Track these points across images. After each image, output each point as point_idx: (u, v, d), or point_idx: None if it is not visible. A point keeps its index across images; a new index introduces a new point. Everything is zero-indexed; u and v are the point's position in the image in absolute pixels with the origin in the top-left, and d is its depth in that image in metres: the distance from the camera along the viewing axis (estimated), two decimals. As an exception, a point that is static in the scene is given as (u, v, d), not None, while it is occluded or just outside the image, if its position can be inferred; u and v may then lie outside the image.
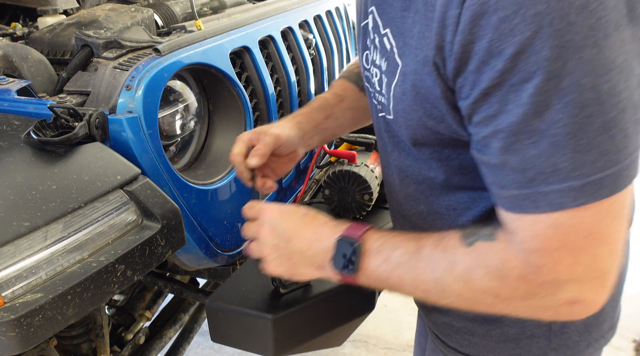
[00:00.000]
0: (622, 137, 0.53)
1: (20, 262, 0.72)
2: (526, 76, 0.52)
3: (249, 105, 1.22)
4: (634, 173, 0.56)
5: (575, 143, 0.53)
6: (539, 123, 0.53)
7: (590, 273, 0.58)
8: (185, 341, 1.53)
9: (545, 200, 0.56)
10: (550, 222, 0.57)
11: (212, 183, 1.15)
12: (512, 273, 0.61)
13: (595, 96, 0.51)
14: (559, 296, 0.59)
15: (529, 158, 0.55)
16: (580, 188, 0.54)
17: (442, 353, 0.86)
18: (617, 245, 0.58)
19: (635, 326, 2.28)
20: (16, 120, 0.93)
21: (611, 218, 0.56)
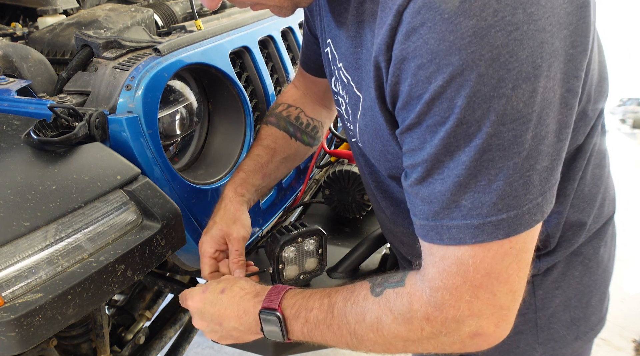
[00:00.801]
0: (522, 183, 0.56)
1: (20, 262, 0.72)
2: (440, 120, 0.56)
3: (249, 105, 1.22)
4: (537, 218, 0.59)
5: (475, 183, 0.57)
6: (449, 162, 0.57)
7: (489, 308, 0.61)
8: (185, 341, 1.53)
9: (448, 233, 0.60)
10: (454, 258, 0.60)
11: (212, 183, 1.15)
12: (417, 315, 0.64)
13: (498, 143, 0.55)
14: (462, 331, 0.63)
15: (436, 192, 0.59)
16: (478, 226, 0.58)
17: None
18: (517, 285, 0.61)
19: (635, 326, 2.29)
20: (16, 120, 0.92)
21: (511, 259, 0.59)
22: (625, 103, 4.53)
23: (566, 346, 0.79)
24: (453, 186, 0.58)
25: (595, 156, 0.75)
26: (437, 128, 0.57)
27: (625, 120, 4.41)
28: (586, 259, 0.78)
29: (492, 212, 0.57)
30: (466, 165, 0.56)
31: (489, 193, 0.56)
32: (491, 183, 0.56)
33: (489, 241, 0.58)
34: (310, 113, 1.12)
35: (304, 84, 1.13)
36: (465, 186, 0.57)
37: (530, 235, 0.60)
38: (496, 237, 0.58)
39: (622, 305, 2.42)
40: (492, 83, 0.52)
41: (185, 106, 1.12)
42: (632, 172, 3.66)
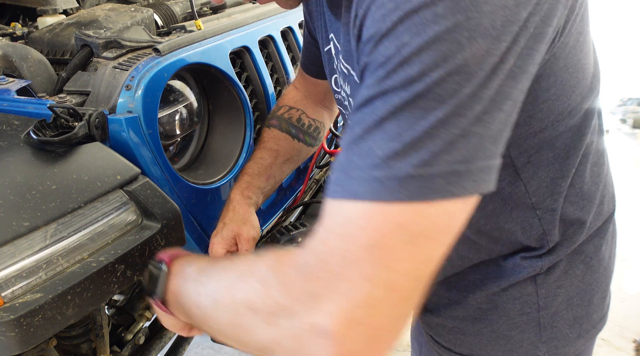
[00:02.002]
0: (444, 140, 0.48)
1: (20, 262, 0.71)
2: (383, 60, 0.50)
3: (249, 105, 1.22)
4: (452, 190, 0.48)
5: (397, 131, 0.48)
6: (378, 104, 0.50)
7: (349, 294, 0.47)
8: (185, 341, 1.52)
9: (348, 185, 0.49)
10: (343, 215, 0.49)
11: (212, 183, 1.15)
12: (277, 277, 0.53)
13: (437, 92, 0.48)
14: (312, 317, 0.49)
15: (355, 137, 0.51)
16: (381, 179, 0.48)
17: (437, 353, 0.87)
18: (401, 282, 0.48)
19: (635, 326, 2.29)
20: (16, 120, 0.92)
21: (407, 236, 0.47)
22: (625, 103, 4.53)
23: (569, 344, 0.80)
24: (371, 127, 0.50)
25: (593, 154, 0.75)
26: (378, 69, 0.50)
27: (625, 120, 4.41)
28: (587, 257, 0.78)
29: (403, 165, 0.47)
30: (395, 108, 0.49)
31: (407, 144, 0.48)
32: (414, 134, 0.48)
33: (388, 200, 0.47)
34: (312, 114, 1.12)
35: (304, 86, 1.14)
36: (386, 132, 0.49)
37: (442, 218, 0.48)
38: (397, 197, 0.47)
39: (622, 305, 2.42)
40: (447, 25, 0.47)
41: (185, 106, 1.12)
42: (632, 172, 3.66)
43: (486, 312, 0.79)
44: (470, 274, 0.79)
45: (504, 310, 0.78)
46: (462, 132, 0.48)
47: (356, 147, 0.51)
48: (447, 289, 0.82)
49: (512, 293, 0.77)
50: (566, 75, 0.64)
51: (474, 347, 0.81)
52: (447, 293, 0.82)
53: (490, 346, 0.80)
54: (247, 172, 1.04)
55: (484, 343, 0.80)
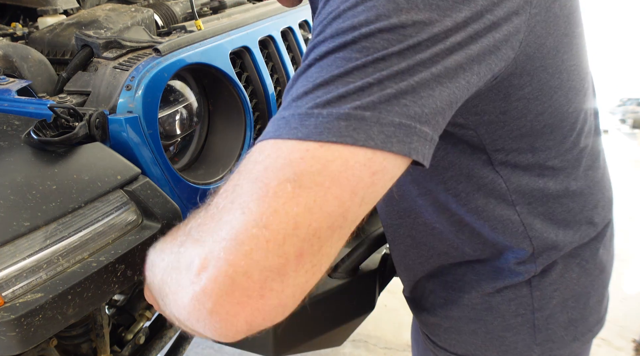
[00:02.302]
0: (357, 86, 0.45)
1: (20, 262, 0.72)
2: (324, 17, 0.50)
3: (249, 105, 1.22)
4: (354, 136, 0.44)
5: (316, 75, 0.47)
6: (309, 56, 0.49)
7: (224, 228, 0.44)
8: (186, 341, 1.52)
9: (266, 129, 0.48)
10: (250, 154, 0.47)
11: (212, 183, 1.15)
12: (189, 219, 0.51)
13: (362, 45, 0.46)
14: (188, 251, 0.47)
15: (287, 86, 0.50)
16: (286, 117, 0.46)
17: (433, 352, 0.87)
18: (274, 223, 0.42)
19: (635, 326, 2.29)
20: (16, 120, 0.92)
21: (290, 173, 0.43)
22: (625, 103, 4.53)
23: (564, 347, 0.79)
24: (299, 77, 0.49)
25: (587, 157, 0.75)
26: (318, 26, 0.50)
27: (625, 120, 4.41)
28: (584, 261, 0.78)
29: (308, 104, 0.45)
30: (320, 55, 0.47)
31: (319, 85, 0.46)
32: (327, 78, 0.46)
33: (285, 137, 0.44)
34: None
35: None
36: (306, 78, 0.47)
37: (335, 162, 0.43)
38: (295, 135, 0.44)
39: (622, 305, 2.42)
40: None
41: (185, 106, 1.12)
42: (632, 172, 3.66)
43: (481, 313, 0.79)
44: (466, 274, 0.79)
45: (499, 311, 0.78)
46: (377, 81, 0.45)
47: (285, 96, 0.50)
48: (443, 289, 0.82)
49: (506, 295, 0.77)
50: (545, 75, 0.63)
51: (468, 347, 0.81)
52: (443, 292, 0.82)
53: (484, 346, 0.80)
54: None
55: (478, 343, 0.80)
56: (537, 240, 0.74)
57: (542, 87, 0.64)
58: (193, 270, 0.44)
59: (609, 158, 0.84)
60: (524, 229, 0.73)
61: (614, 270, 0.86)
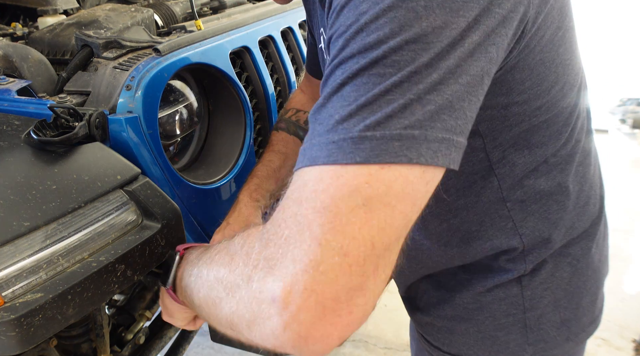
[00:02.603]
0: (401, 104, 0.47)
1: (20, 262, 0.72)
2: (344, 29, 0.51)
3: (249, 105, 1.22)
4: (408, 154, 0.47)
5: (354, 96, 0.48)
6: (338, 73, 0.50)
7: (302, 260, 0.45)
8: (185, 341, 1.52)
9: (310, 152, 0.49)
10: (301, 181, 0.48)
11: (212, 183, 1.15)
12: (243, 248, 0.53)
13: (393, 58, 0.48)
14: (265, 283, 0.48)
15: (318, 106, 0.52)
16: (338, 142, 0.47)
17: (427, 352, 0.87)
18: (353, 248, 0.45)
19: (635, 326, 2.28)
20: (16, 120, 0.93)
21: (360, 200, 0.45)
22: (625, 103, 4.53)
23: (557, 347, 0.79)
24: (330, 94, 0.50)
25: (580, 154, 0.75)
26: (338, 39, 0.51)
27: (625, 120, 4.41)
28: (575, 260, 0.78)
29: (358, 127, 0.47)
30: (353, 73, 0.49)
31: (363, 106, 0.48)
32: (369, 97, 0.48)
33: (344, 162, 0.46)
34: None
35: (310, 88, 1.14)
36: (344, 98, 0.49)
37: (398, 183, 0.46)
38: (353, 159, 0.46)
39: (622, 305, 2.42)
40: None
41: (185, 106, 1.12)
42: (632, 172, 3.66)
43: (472, 312, 0.79)
44: (459, 274, 0.80)
45: (490, 311, 0.78)
46: (417, 98, 0.47)
47: (319, 115, 0.50)
48: (436, 288, 0.83)
49: (497, 294, 0.77)
50: (543, 69, 0.63)
51: (461, 347, 0.82)
52: (436, 292, 0.83)
53: (477, 346, 0.80)
54: (256, 174, 1.04)
55: (470, 343, 0.81)
56: (527, 237, 0.74)
57: (540, 81, 0.64)
58: (279, 302, 0.46)
59: (609, 159, 0.84)
60: (514, 225, 0.73)
61: (614, 270, 0.86)
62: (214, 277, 0.56)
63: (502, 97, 0.63)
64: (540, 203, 0.73)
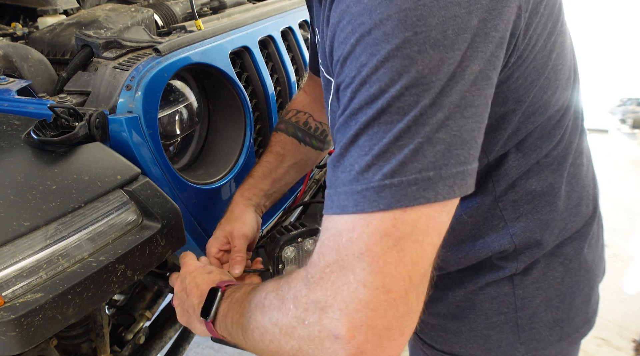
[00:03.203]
0: (412, 149, 0.51)
1: (20, 262, 0.72)
2: (349, 81, 0.55)
3: (249, 105, 1.22)
4: (427, 195, 0.52)
5: (369, 146, 0.53)
6: (350, 122, 0.55)
7: (351, 300, 0.52)
8: (185, 341, 1.52)
9: (337, 200, 0.54)
10: (334, 230, 0.54)
11: (212, 183, 1.15)
12: (290, 293, 0.58)
13: (398, 106, 0.52)
14: (322, 325, 0.54)
15: (337, 156, 0.56)
16: (361, 192, 0.52)
17: (421, 350, 0.88)
18: (393, 283, 0.51)
19: (635, 326, 2.29)
20: (16, 120, 0.93)
21: (391, 242, 0.51)
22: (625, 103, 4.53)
23: (549, 347, 0.79)
24: (348, 144, 0.54)
25: (572, 154, 0.75)
26: (346, 90, 0.55)
27: (625, 120, 4.41)
28: (567, 260, 0.78)
29: (377, 176, 0.52)
30: (364, 125, 0.53)
31: (377, 156, 0.52)
32: (382, 147, 0.52)
33: (370, 210, 0.52)
34: (319, 117, 1.13)
35: (313, 89, 1.14)
36: (360, 148, 0.53)
37: (422, 221, 0.52)
38: (377, 207, 0.51)
39: (622, 305, 2.42)
40: (397, 42, 0.51)
41: (185, 106, 1.12)
42: (631, 172, 3.66)
43: (465, 311, 0.79)
44: (451, 272, 0.80)
45: (482, 309, 0.78)
46: (426, 140, 0.51)
47: (340, 163, 0.55)
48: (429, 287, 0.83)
49: (489, 292, 0.77)
50: (536, 75, 0.64)
51: (454, 345, 0.82)
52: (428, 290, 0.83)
53: (469, 344, 0.81)
54: (252, 174, 1.06)
55: (463, 341, 0.81)
56: (518, 237, 0.74)
57: (534, 88, 0.65)
58: (342, 339, 0.52)
59: (609, 159, 0.84)
60: (505, 224, 0.74)
61: (614, 270, 0.86)
62: (269, 320, 0.61)
63: (498, 107, 0.64)
64: (532, 203, 0.73)
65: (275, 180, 1.06)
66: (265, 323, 0.61)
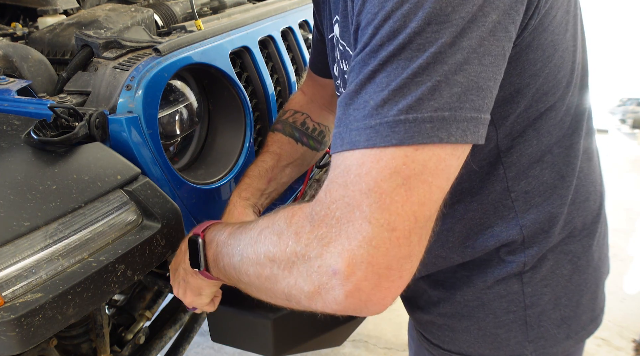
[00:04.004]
0: (429, 86, 0.51)
1: (20, 262, 0.72)
2: (371, 17, 0.54)
3: (249, 105, 1.22)
4: (440, 135, 0.51)
5: (387, 82, 0.52)
6: (369, 59, 0.54)
7: (354, 236, 0.51)
8: (185, 341, 1.52)
9: (348, 136, 0.54)
10: (344, 166, 0.53)
11: (212, 183, 1.15)
12: (291, 229, 0.57)
13: (419, 42, 0.51)
14: (322, 260, 0.53)
15: (351, 93, 0.55)
16: (374, 126, 0.52)
17: (427, 350, 0.87)
18: (399, 221, 0.51)
19: (635, 326, 2.29)
20: (16, 120, 0.93)
21: (399, 180, 0.51)
22: (625, 103, 4.53)
23: (557, 345, 0.80)
24: (364, 81, 0.53)
25: (581, 149, 0.76)
26: (367, 27, 0.54)
27: (625, 120, 4.41)
28: (575, 257, 0.78)
29: (392, 111, 0.51)
30: (383, 60, 0.52)
31: (394, 91, 0.52)
32: (399, 82, 0.51)
33: (381, 145, 0.51)
34: (317, 118, 1.13)
35: (312, 89, 1.14)
36: (377, 84, 0.53)
37: (432, 161, 0.52)
38: (389, 142, 0.51)
39: (622, 305, 2.42)
40: None
41: (185, 106, 1.12)
42: (631, 172, 3.66)
43: (473, 309, 0.79)
44: (458, 271, 0.80)
45: (491, 308, 0.78)
46: (444, 79, 0.51)
47: (353, 101, 0.54)
48: (435, 287, 0.83)
49: (497, 291, 0.77)
50: (552, 50, 0.65)
51: (462, 344, 0.82)
52: (435, 291, 0.83)
53: (477, 344, 0.81)
54: (247, 174, 1.05)
55: (471, 340, 0.81)
56: (528, 229, 0.74)
57: (550, 64, 0.65)
58: (340, 275, 0.52)
59: (609, 159, 0.84)
60: (516, 215, 0.74)
61: (614, 270, 0.86)
62: (264, 256, 0.60)
63: (515, 78, 0.65)
64: (544, 195, 0.73)
65: (272, 180, 1.06)
66: (261, 259, 0.60)
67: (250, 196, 1.02)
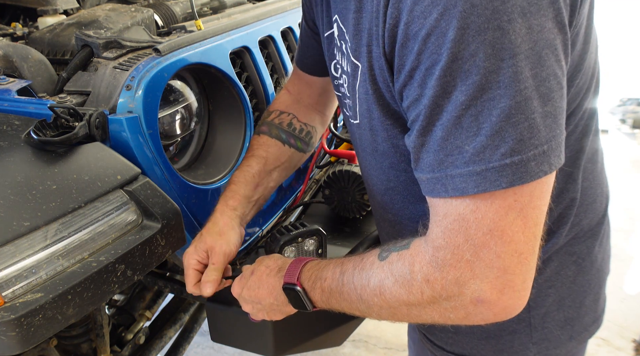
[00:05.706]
0: (527, 126, 0.53)
1: (20, 262, 0.72)
2: (436, 58, 0.54)
3: (249, 105, 1.22)
4: (544, 168, 0.55)
5: (476, 126, 0.54)
6: (447, 105, 0.55)
7: (492, 271, 0.57)
8: (185, 341, 1.53)
9: (452, 183, 0.57)
10: (456, 214, 0.58)
11: (212, 183, 1.15)
12: (417, 277, 0.62)
13: (498, 80, 0.52)
14: (464, 295, 0.59)
15: (438, 139, 0.57)
16: (481, 173, 0.54)
17: (430, 351, 0.87)
18: (523, 245, 0.57)
19: (635, 326, 2.28)
20: (16, 120, 0.93)
21: (515, 214, 0.56)
22: (625, 103, 4.52)
23: (560, 346, 0.79)
24: (455, 130, 0.55)
25: (588, 150, 0.76)
26: (433, 68, 0.54)
27: (625, 120, 4.41)
28: (580, 259, 0.78)
29: (496, 156, 0.54)
30: (465, 105, 0.53)
31: (492, 136, 0.53)
32: (493, 125, 0.53)
33: (492, 190, 0.54)
34: (304, 118, 1.09)
35: (297, 88, 1.10)
36: (467, 129, 0.54)
37: (537, 189, 0.56)
38: (499, 185, 0.54)
39: (622, 305, 2.42)
40: (487, 14, 0.51)
41: (185, 106, 1.12)
42: (631, 172, 3.66)
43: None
44: None
45: None
46: (538, 114, 0.53)
47: (442, 147, 0.56)
48: None
49: None
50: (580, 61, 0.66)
51: (465, 346, 0.82)
52: None
53: (481, 346, 0.80)
54: (232, 180, 1.00)
55: (475, 342, 0.81)
56: None
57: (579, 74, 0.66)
58: (488, 303, 0.59)
59: (609, 159, 0.84)
60: None
61: (614, 270, 0.86)
62: (398, 303, 0.65)
63: None
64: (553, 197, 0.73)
65: (258, 185, 1.01)
66: (394, 304, 0.66)
67: (237, 205, 0.97)
